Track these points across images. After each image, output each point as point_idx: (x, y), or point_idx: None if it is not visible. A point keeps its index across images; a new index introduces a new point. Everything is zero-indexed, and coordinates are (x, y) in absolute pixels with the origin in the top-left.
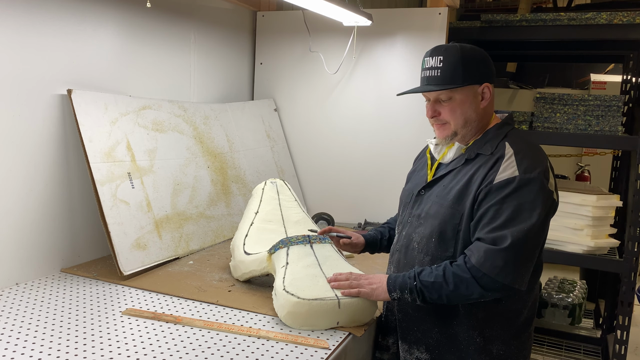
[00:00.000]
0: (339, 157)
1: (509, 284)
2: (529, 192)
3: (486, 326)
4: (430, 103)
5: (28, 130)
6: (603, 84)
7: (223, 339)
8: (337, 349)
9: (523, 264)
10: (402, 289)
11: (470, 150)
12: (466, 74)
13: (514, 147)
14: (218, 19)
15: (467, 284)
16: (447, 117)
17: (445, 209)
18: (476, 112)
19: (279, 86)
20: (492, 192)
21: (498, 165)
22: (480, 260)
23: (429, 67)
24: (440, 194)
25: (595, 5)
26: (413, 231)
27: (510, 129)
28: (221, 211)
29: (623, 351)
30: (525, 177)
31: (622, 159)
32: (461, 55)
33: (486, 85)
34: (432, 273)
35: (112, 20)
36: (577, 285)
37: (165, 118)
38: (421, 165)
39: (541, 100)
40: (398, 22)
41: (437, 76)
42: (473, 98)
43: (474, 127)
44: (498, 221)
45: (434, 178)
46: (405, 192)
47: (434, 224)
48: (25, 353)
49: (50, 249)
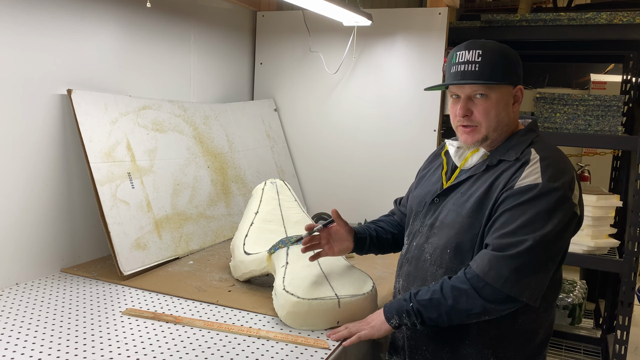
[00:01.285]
0: (339, 157)
1: (515, 296)
2: (549, 201)
3: (500, 346)
4: (462, 101)
5: (28, 130)
6: (603, 84)
7: (223, 339)
8: (337, 349)
9: (533, 275)
10: (399, 313)
11: (492, 156)
12: (506, 72)
13: (540, 154)
14: (218, 19)
15: (467, 297)
16: (481, 117)
17: (463, 219)
18: (508, 116)
19: (279, 86)
20: (511, 197)
21: (522, 170)
22: (484, 268)
23: (465, 60)
24: (457, 202)
25: (595, 5)
26: (425, 241)
27: (536, 136)
28: (221, 211)
29: (623, 351)
30: (549, 185)
31: (622, 159)
32: (500, 52)
33: (520, 88)
34: (429, 290)
35: (112, 20)
36: (577, 285)
37: (165, 118)
38: (434, 168)
39: (541, 100)
40: (398, 22)
41: (475, 70)
42: (508, 99)
43: (504, 132)
44: (509, 227)
45: (450, 185)
46: (415, 199)
47: (450, 234)
48: (25, 353)
49: (50, 249)
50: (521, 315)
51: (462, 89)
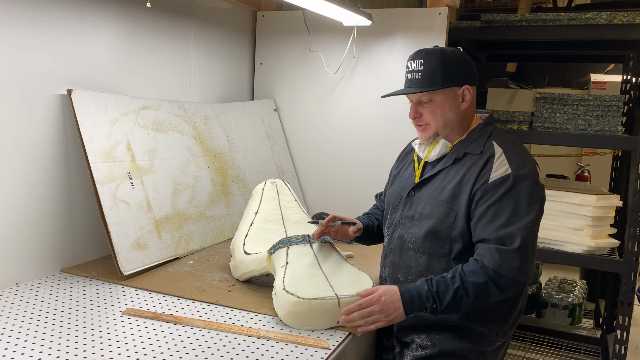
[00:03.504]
0: (339, 157)
1: (525, 281)
2: (524, 188)
3: (487, 316)
4: (413, 105)
5: (28, 130)
6: (603, 84)
7: (223, 339)
8: (337, 349)
9: (532, 259)
10: (419, 310)
11: (457, 150)
12: (445, 76)
13: (502, 146)
14: (218, 19)
15: (487, 291)
16: (428, 118)
17: (439, 208)
18: (456, 114)
19: (279, 86)
20: (489, 190)
21: (490, 164)
22: (497, 262)
23: (411, 70)
24: (432, 194)
25: (595, 5)
26: (406, 232)
27: (494, 129)
28: (221, 211)
29: (623, 351)
30: (518, 173)
31: (622, 159)
32: (441, 58)
33: (466, 87)
34: (450, 287)
35: (113, 20)
36: (577, 285)
37: (165, 118)
38: (405, 166)
39: (541, 100)
40: (398, 22)
41: (418, 79)
42: (453, 100)
43: (455, 128)
44: (500, 220)
45: (423, 179)
46: (392, 194)
47: (428, 223)
48: (25, 353)
49: (50, 249)
50: None
51: (410, 95)
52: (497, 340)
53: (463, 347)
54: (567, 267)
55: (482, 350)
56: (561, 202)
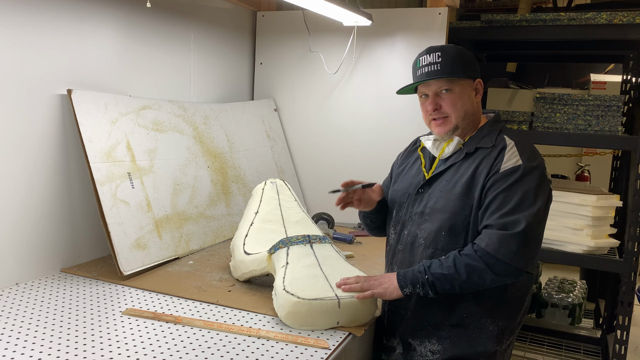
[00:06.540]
0: (339, 157)
1: (522, 268)
2: (533, 179)
3: (496, 314)
4: (431, 97)
5: (28, 130)
6: (603, 84)
7: (223, 339)
8: (337, 349)
9: (533, 248)
10: (413, 284)
11: (469, 145)
12: (465, 67)
13: (514, 139)
14: (218, 19)
15: (480, 272)
16: (449, 109)
17: (454, 202)
18: (473, 106)
19: (279, 86)
20: (499, 180)
21: (502, 154)
22: (494, 246)
23: (427, 63)
24: (444, 188)
25: (595, 5)
26: (417, 228)
27: (503, 125)
28: (221, 211)
29: (623, 351)
30: (529, 165)
31: (622, 159)
32: (457, 51)
33: (479, 81)
34: (442, 265)
35: (112, 20)
36: (577, 285)
37: (165, 118)
38: (410, 163)
39: (541, 100)
40: (398, 22)
41: (437, 70)
42: (470, 91)
43: (472, 121)
44: (507, 207)
45: (433, 175)
46: (398, 192)
47: (442, 217)
48: (25, 353)
49: (50, 249)
50: (510, 285)
51: (428, 87)
52: (505, 339)
53: (474, 351)
54: (567, 267)
55: (492, 352)
56: (561, 202)
